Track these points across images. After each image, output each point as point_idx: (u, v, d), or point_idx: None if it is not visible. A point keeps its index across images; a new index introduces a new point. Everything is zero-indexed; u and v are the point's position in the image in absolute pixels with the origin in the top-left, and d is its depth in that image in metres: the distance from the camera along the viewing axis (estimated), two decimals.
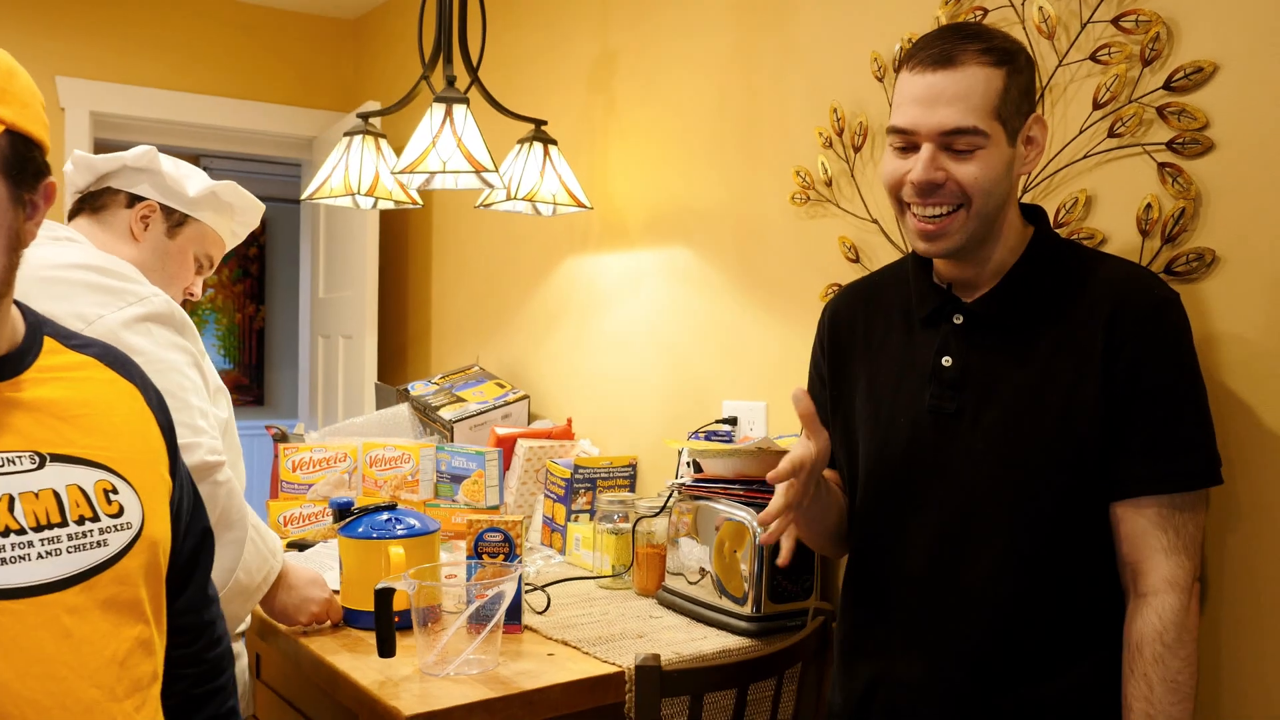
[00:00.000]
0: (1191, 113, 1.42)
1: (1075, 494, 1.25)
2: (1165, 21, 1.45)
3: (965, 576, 1.29)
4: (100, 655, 0.93)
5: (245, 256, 5.97)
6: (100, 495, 0.96)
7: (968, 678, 1.29)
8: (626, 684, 1.56)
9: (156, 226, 1.75)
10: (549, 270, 2.83)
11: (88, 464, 0.97)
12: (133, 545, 0.97)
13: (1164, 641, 1.20)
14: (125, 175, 1.74)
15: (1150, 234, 1.47)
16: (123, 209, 1.73)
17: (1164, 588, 1.22)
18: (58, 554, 0.91)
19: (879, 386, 1.41)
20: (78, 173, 1.75)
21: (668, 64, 2.39)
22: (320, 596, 1.70)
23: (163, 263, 1.75)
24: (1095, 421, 1.23)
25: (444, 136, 2.02)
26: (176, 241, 1.77)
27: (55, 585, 0.91)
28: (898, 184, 1.28)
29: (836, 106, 1.94)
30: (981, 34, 1.25)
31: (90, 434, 0.98)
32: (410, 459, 2.38)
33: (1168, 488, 1.22)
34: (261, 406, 5.99)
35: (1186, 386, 1.24)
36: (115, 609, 0.95)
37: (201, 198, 1.77)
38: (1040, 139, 1.29)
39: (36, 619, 0.89)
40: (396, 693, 1.45)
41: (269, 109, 3.86)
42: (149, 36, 3.63)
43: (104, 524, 0.96)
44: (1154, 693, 1.20)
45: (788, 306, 2.07)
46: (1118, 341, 1.23)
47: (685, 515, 1.88)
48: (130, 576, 0.97)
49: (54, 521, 0.92)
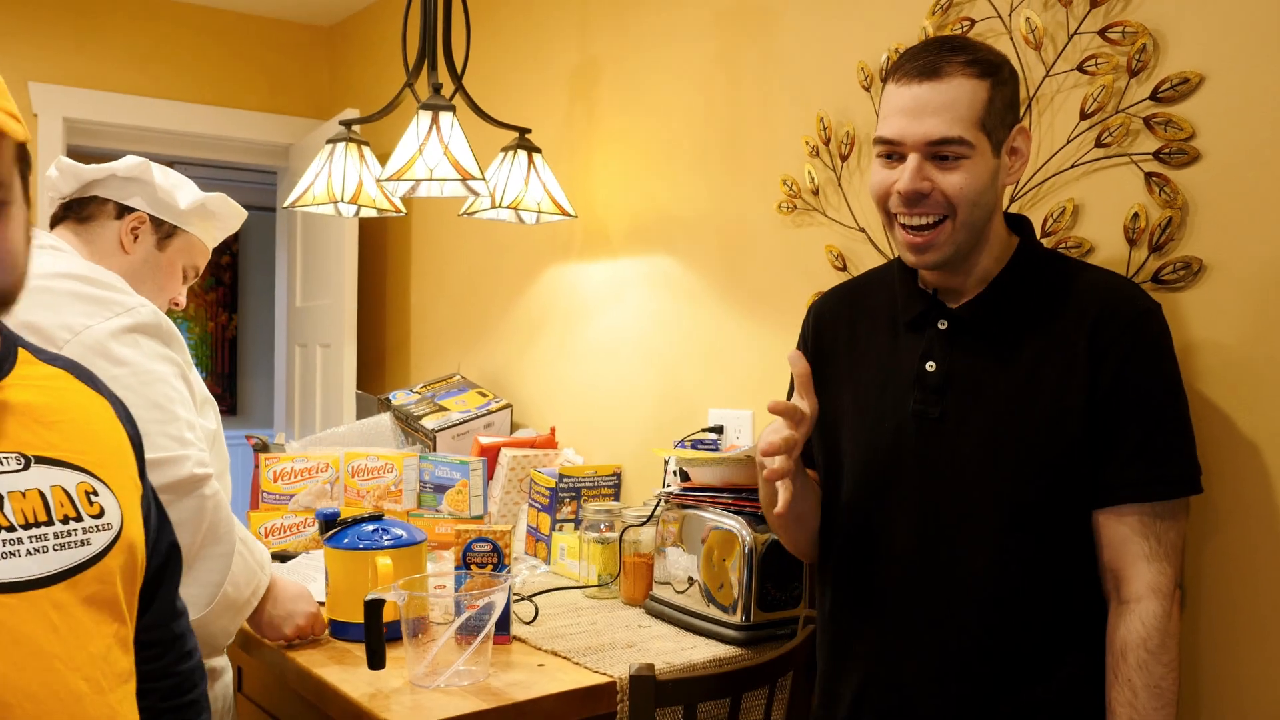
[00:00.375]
0: (1178, 123, 1.44)
1: (1060, 498, 1.26)
2: (1151, 33, 1.46)
3: (952, 580, 1.30)
4: (86, 649, 0.95)
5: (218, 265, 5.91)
6: (82, 496, 0.99)
7: (957, 680, 1.29)
8: (619, 694, 1.55)
9: (146, 238, 1.72)
10: (531, 278, 2.82)
11: (69, 466, 0.99)
12: (113, 545, 1.00)
13: (1148, 648, 1.22)
14: (114, 185, 1.70)
15: (1138, 243, 1.48)
16: (112, 220, 1.70)
17: (1147, 594, 1.23)
18: (45, 551, 0.94)
19: (863, 391, 1.41)
20: (62, 179, 1.71)
21: (650, 72, 2.39)
22: (307, 610, 1.67)
23: (153, 274, 1.73)
24: (1080, 427, 1.25)
25: (430, 144, 2.01)
26: (166, 253, 1.75)
27: (44, 581, 0.93)
28: (885, 194, 1.30)
29: (823, 115, 1.95)
30: (967, 46, 1.27)
31: (69, 439, 1.00)
32: (393, 469, 2.36)
33: (1149, 496, 1.24)
34: (234, 416, 5.93)
35: (1168, 396, 1.26)
36: (96, 606, 0.97)
37: (191, 209, 1.75)
38: (1024, 150, 1.31)
39: (29, 613, 0.91)
40: (388, 705, 1.43)
41: (244, 116, 3.83)
42: (123, 42, 3.59)
43: (86, 524, 0.98)
44: (1138, 698, 1.21)
45: (774, 315, 2.07)
46: (1100, 349, 1.24)
47: (672, 524, 1.88)
48: (111, 575, 0.99)
49: (41, 520, 0.94)
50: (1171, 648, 1.22)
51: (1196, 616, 1.42)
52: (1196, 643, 1.42)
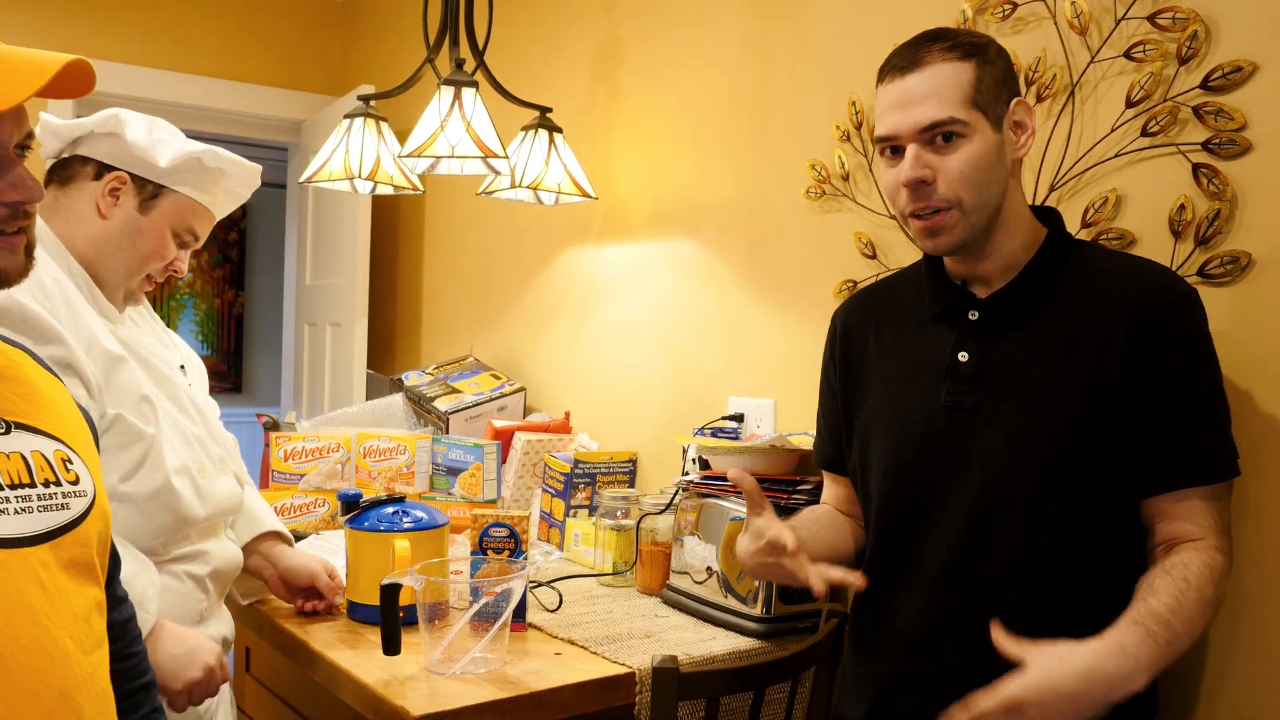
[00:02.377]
0: (1229, 113, 1.39)
1: (1094, 487, 1.25)
2: (1204, 19, 1.42)
3: (985, 572, 1.29)
4: (71, 609, 0.96)
5: (225, 241, 5.87)
6: (59, 463, 1.00)
7: (990, 674, 1.26)
8: (637, 685, 1.52)
9: (128, 200, 1.54)
10: (548, 260, 2.78)
11: (45, 434, 1.01)
12: (89, 511, 1.02)
13: (1211, 577, 1.17)
14: (93, 142, 1.55)
15: (1183, 235, 1.44)
16: (90, 181, 1.53)
17: (1216, 549, 1.21)
18: (30, 511, 0.95)
19: (893, 385, 1.41)
20: (45, 140, 1.56)
21: (676, 53, 2.35)
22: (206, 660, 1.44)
23: (133, 241, 1.54)
24: (1117, 416, 1.23)
25: (453, 120, 1.96)
26: (150, 217, 1.55)
27: (32, 540, 0.95)
28: (895, 191, 1.31)
29: (855, 99, 1.90)
30: (946, 34, 1.30)
31: (40, 410, 1.02)
32: (406, 450, 2.33)
33: (1209, 479, 1.23)
34: (239, 394, 5.90)
35: (1212, 379, 1.25)
36: (75, 569, 0.99)
37: (177, 166, 1.56)
38: (1028, 122, 1.31)
39: (19, 569, 0.92)
40: (403, 691, 1.40)
41: (255, 90, 3.78)
42: (133, 15, 3.55)
43: (65, 489, 1.00)
44: (1187, 594, 1.16)
45: (800, 302, 2.03)
46: (1143, 338, 1.23)
47: (691, 513, 1.85)
48: (89, 539, 1.01)
49: (24, 482, 0.96)
50: (1220, 597, 1.18)
51: (1228, 609, 1.39)
52: (1229, 632, 1.39)
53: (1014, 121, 1.29)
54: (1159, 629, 1.12)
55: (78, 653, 0.96)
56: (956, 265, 1.37)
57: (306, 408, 3.76)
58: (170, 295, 5.76)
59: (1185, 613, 1.14)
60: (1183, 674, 1.42)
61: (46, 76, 0.90)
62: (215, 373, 5.68)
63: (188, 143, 1.60)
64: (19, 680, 0.89)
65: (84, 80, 0.94)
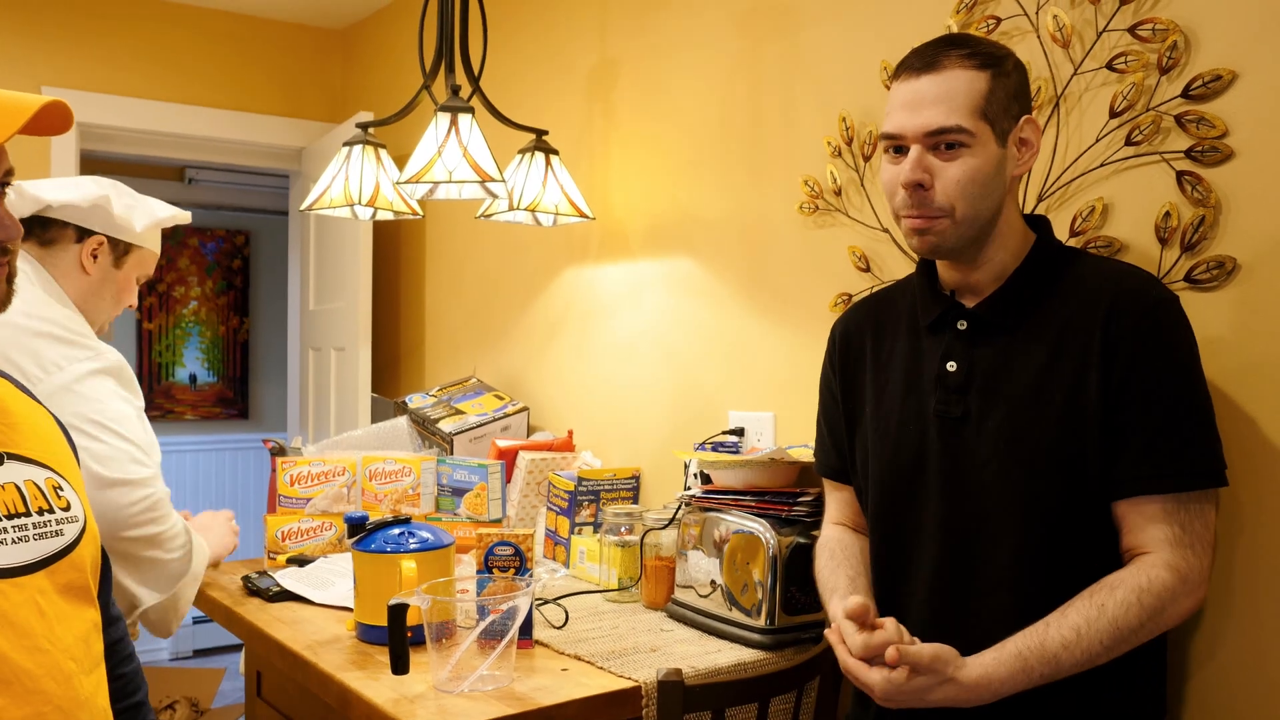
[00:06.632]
0: (1210, 120, 1.42)
1: (1080, 493, 1.26)
2: (1183, 30, 1.45)
3: (977, 579, 1.30)
4: (70, 632, 1.00)
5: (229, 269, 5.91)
6: (51, 491, 1.04)
7: None
8: (644, 699, 1.53)
9: (105, 258, 1.84)
10: (548, 280, 2.81)
11: (36, 464, 1.05)
12: (81, 537, 1.05)
13: (1139, 601, 1.18)
14: (75, 212, 1.81)
15: (1169, 242, 1.47)
16: (72, 244, 1.82)
17: (1162, 566, 1.20)
18: (26, 540, 0.99)
19: (889, 395, 1.43)
20: (21, 203, 1.77)
21: (670, 74, 2.38)
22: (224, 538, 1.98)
23: (111, 290, 1.86)
24: (1095, 421, 1.24)
25: (450, 146, 1.99)
26: (123, 270, 1.88)
27: (30, 568, 0.98)
28: (894, 189, 1.32)
29: (845, 115, 1.93)
30: (968, 41, 1.30)
31: (30, 439, 1.06)
32: (411, 472, 2.35)
33: (1167, 487, 1.22)
34: (246, 420, 5.92)
35: (1184, 387, 1.24)
36: (72, 593, 1.02)
37: (148, 230, 1.88)
38: (1034, 140, 1.31)
39: (20, 597, 0.96)
40: (413, 710, 1.42)
41: (256, 119, 3.82)
42: (135, 47, 3.59)
43: (58, 516, 1.03)
44: (1098, 620, 1.18)
45: (796, 316, 2.06)
46: (1113, 341, 1.24)
47: (694, 527, 1.86)
48: (83, 564, 1.04)
49: (19, 511, 0.99)
50: (1160, 620, 1.19)
51: (1225, 616, 1.40)
52: (1225, 642, 1.40)
53: (1020, 139, 1.30)
54: (1040, 666, 1.18)
55: (79, 674, 1.00)
56: (948, 274, 1.38)
57: (312, 432, 3.79)
58: (176, 324, 5.80)
59: (1084, 643, 1.17)
60: (1177, 677, 1.43)
61: (25, 117, 0.93)
62: (221, 399, 5.71)
63: (153, 208, 1.91)
64: (27, 704, 0.93)
65: (61, 120, 0.97)
